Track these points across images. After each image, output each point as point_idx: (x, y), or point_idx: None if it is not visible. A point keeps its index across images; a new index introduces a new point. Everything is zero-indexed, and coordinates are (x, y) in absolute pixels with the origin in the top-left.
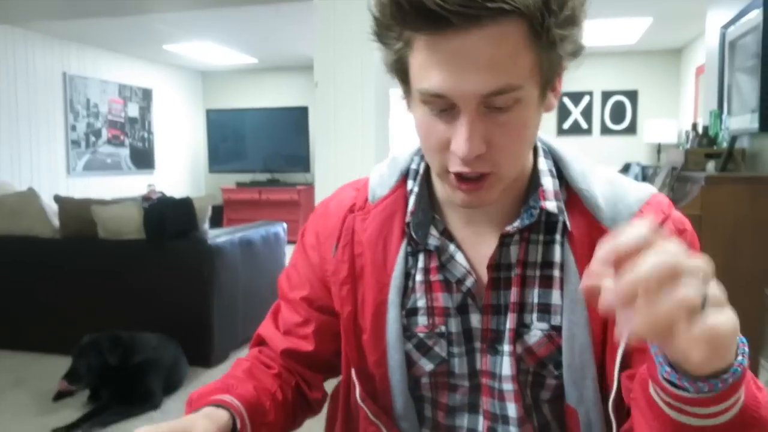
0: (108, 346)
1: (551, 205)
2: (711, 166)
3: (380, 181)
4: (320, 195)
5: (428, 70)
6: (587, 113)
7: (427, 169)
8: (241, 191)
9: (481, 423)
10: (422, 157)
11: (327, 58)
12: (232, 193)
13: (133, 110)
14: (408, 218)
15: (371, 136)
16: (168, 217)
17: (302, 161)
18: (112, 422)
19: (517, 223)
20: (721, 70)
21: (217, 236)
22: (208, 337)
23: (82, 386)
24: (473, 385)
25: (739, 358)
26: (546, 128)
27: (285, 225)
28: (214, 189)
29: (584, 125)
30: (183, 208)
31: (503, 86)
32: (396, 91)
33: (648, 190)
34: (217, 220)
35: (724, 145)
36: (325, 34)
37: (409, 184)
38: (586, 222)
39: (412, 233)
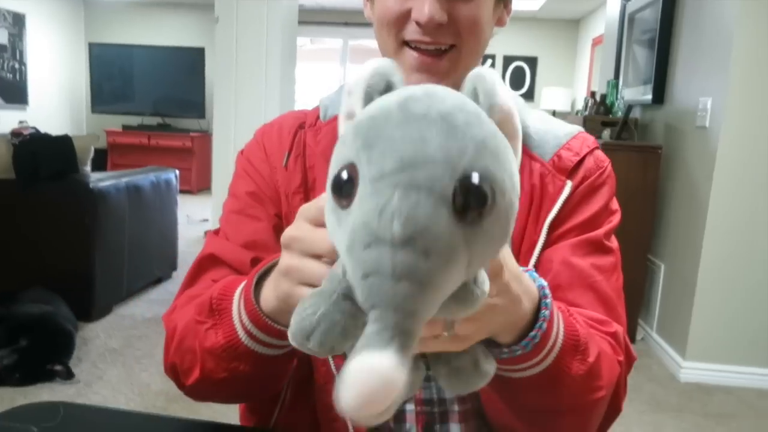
0: None
1: None
2: (606, 134)
3: (331, 102)
4: (219, 143)
5: None
6: None
7: None
8: (127, 135)
9: None
10: None
11: None
12: (117, 136)
13: (2, 36)
14: None
15: (276, 83)
16: (43, 156)
17: (197, 107)
18: None
19: None
20: (620, 41)
21: (100, 180)
22: (89, 289)
23: None
24: None
25: (536, 327)
26: None
27: (177, 172)
28: (97, 131)
29: None
30: (61, 147)
31: None
32: (303, 41)
33: (577, 128)
34: (100, 165)
35: (619, 114)
36: None
37: None
38: None
39: None
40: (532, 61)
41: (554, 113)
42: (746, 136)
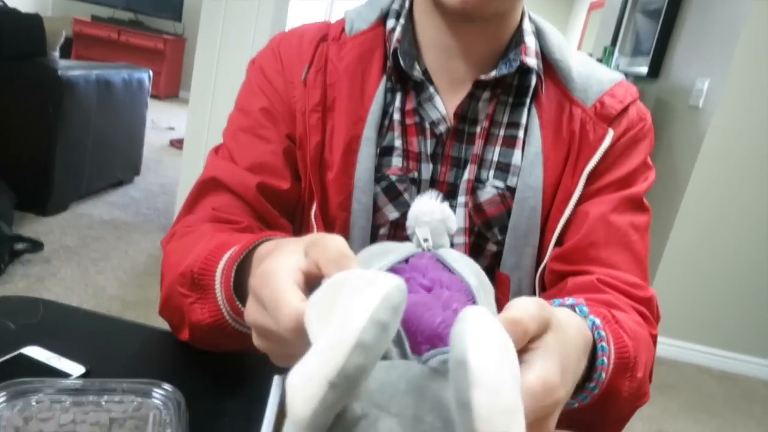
0: None
1: (532, 61)
2: None
3: (358, 15)
4: (203, 52)
5: None
6: None
7: (410, 9)
8: (96, 26)
9: None
10: None
11: None
12: (85, 26)
13: None
14: (395, 45)
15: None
16: (8, 33)
17: (173, 8)
18: None
19: (494, 72)
20: (623, 8)
21: (69, 68)
22: (46, 182)
23: None
24: None
25: (591, 384)
26: None
27: (150, 72)
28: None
29: None
30: (29, 26)
31: None
32: None
33: (620, 74)
34: (63, 54)
35: None
36: None
37: (390, 23)
38: (557, 91)
39: (400, 60)
40: None
41: None
42: (738, 121)
